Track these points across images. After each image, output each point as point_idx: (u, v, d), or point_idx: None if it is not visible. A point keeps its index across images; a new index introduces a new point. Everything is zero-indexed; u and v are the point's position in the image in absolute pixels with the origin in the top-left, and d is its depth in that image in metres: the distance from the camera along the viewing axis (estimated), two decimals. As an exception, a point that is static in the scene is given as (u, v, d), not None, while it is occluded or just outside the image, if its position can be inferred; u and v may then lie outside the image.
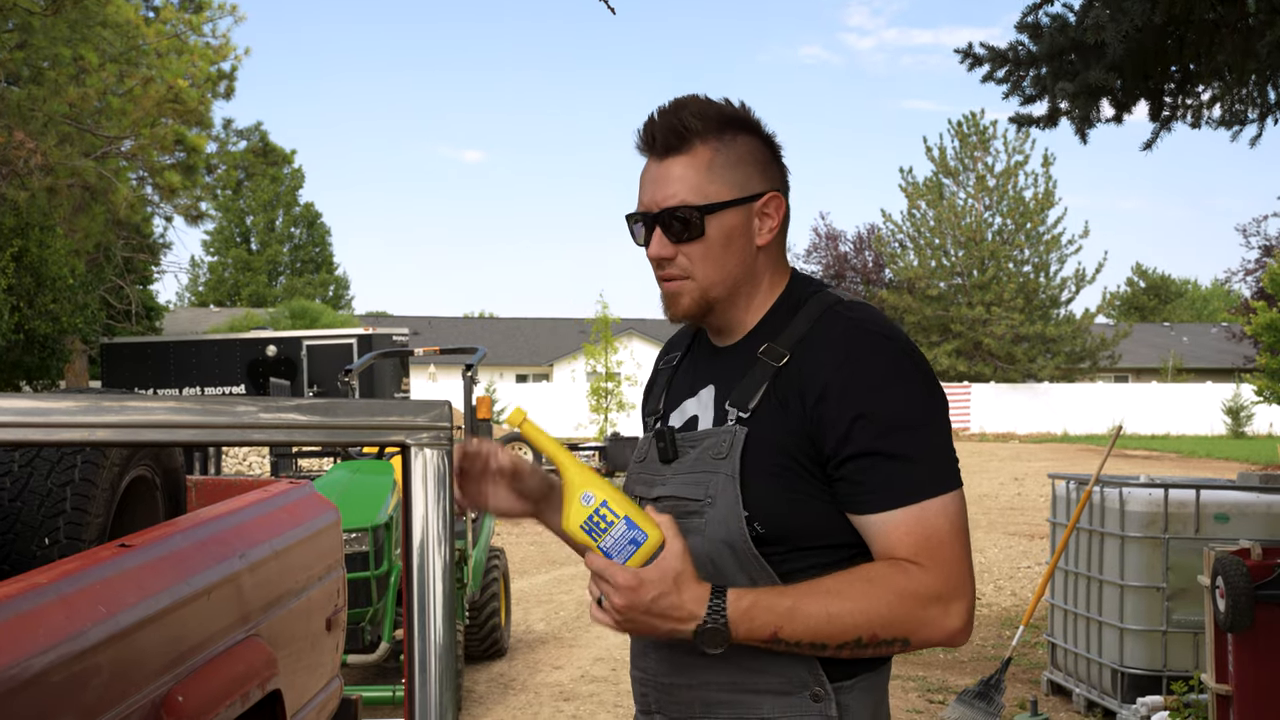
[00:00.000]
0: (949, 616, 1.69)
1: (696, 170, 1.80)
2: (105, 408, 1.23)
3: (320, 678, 3.61)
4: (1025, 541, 13.51)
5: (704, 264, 1.81)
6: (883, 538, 1.71)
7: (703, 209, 1.79)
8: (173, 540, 2.74)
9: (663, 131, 1.80)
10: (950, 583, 1.69)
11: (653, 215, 1.81)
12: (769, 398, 1.76)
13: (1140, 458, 26.53)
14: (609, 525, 1.65)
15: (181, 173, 21.03)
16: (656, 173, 1.82)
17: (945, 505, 1.71)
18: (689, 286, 1.82)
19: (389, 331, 21.84)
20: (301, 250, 53.28)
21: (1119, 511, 6.24)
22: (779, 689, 1.75)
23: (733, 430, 1.77)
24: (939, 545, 1.69)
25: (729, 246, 1.81)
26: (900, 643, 1.69)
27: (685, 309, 1.83)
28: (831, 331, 1.77)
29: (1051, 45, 6.28)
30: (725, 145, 1.81)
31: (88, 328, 19.85)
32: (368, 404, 1.25)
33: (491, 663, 7.74)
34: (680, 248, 1.81)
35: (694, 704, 1.80)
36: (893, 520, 1.70)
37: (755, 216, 1.83)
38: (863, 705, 1.78)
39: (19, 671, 1.98)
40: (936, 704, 6.72)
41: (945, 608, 1.69)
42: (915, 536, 1.69)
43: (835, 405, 1.71)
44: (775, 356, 1.78)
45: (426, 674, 1.27)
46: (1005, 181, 42.03)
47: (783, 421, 1.74)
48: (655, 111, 1.82)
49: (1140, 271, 66.94)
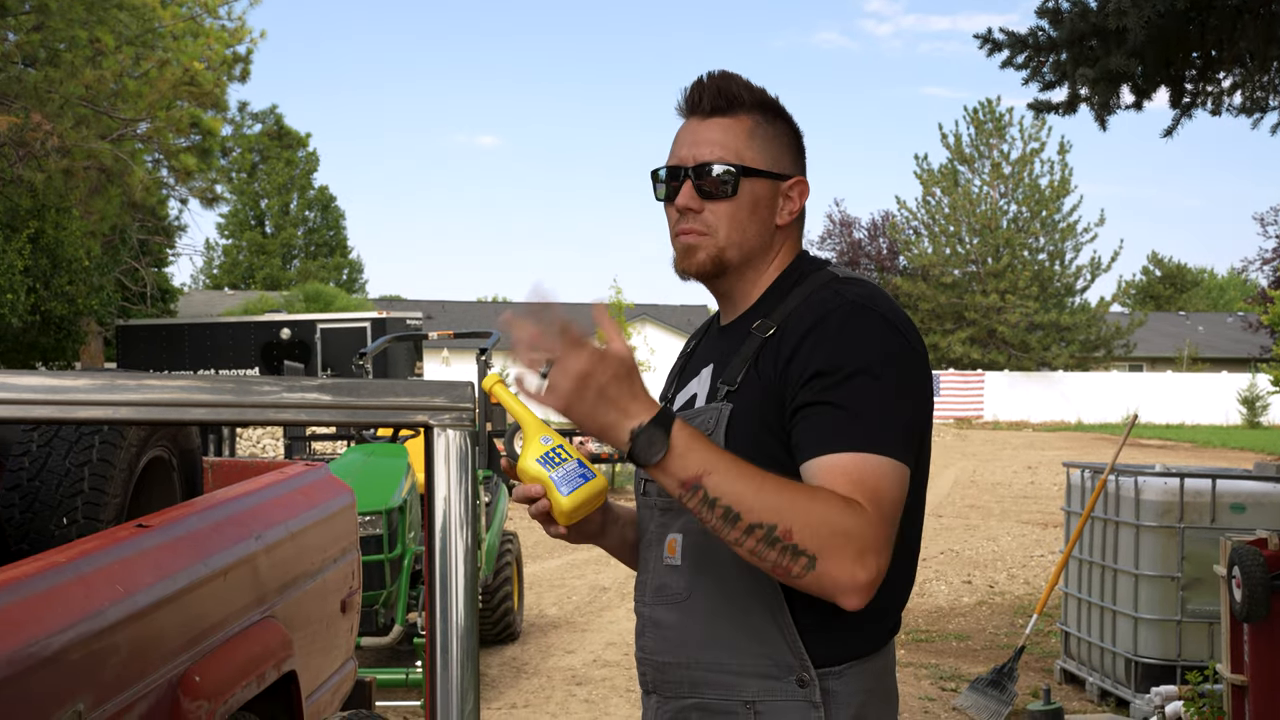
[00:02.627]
0: (860, 565, 1.60)
1: (738, 135, 1.85)
2: (123, 386, 1.22)
3: (335, 660, 3.61)
4: (1039, 530, 13.48)
5: (728, 224, 1.84)
6: (821, 477, 1.65)
7: (739, 169, 1.83)
8: (190, 521, 2.75)
9: (712, 93, 1.86)
10: (877, 533, 1.61)
11: (688, 168, 1.85)
12: (751, 371, 1.79)
13: (1155, 447, 26.45)
14: (562, 461, 1.73)
15: (197, 155, 21.05)
16: (698, 131, 1.86)
17: (887, 466, 1.65)
18: (707, 242, 1.85)
19: (403, 315, 21.86)
20: (316, 233, 53.32)
21: (1134, 500, 6.22)
22: (764, 672, 1.75)
23: (719, 407, 1.80)
24: (877, 494, 1.63)
25: (754, 213, 1.85)
26: (806, 561, 1.59)
27: (699, 263, 1.86)
28: (815, 302, 1.79)
29: (1072, 31, 6.24)
30: (766, 121, 1.88)
31: (103, 310, 19.91)
32: (390, 384, 1.25)
33: (504, 647, 7.75)
34: (708, 204, 1.84)
35: (684, 683, 1.82)
36: (833, 461, 1.65)
37: (781, 195, 1.88)
38: (850, 692, 1.76)
39: (38, 649, 1.99)
40: (949, 692, 6.71)
41: (861, 552, 1.60)
42: (853, 478, 1.63)
43: (800, 364, 1.72)
44: (765, 330, 1.81)
45: (448, 655, 1.26)
46: (1021, 169, 41.86)
47: (760, 393, 1.76)
48: (705, 75, 1.88)
49: (1156, 260, 66.65)
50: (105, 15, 17.59)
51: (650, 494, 1.90)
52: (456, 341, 20.56)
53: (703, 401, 1.87)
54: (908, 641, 7.95)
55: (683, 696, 1.82)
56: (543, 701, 6.53)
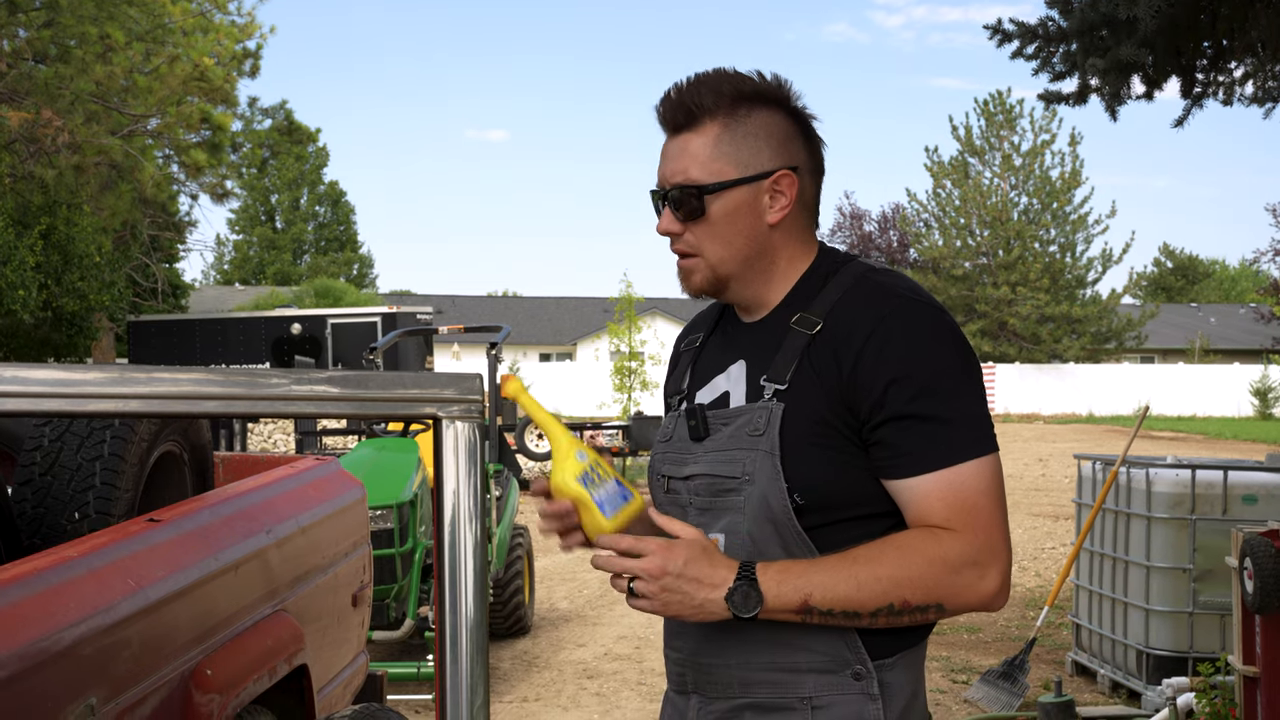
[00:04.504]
0: (984, 581, 1.68)
1: (704, 147, 1.80)
2: (134, 379, 1.23)
3: (346, 653, 3.62)
4: (1050, 522, 13.46)
5: (710, 242, 1.81)
6: (916, 503, 1.70)
7: (702, 189, 1.79)
8: (201, 515, 2.75)
9: (675, 108, 1.81)
10: (985, 547, 1.68)
11: (664, 192, 1.82)
12: (804, 367, 1.75)
13: (1167, 439, 26.38)
14: (601, 480, 1.73)
15: (207, 151, 21.08)
16: (669, 149, 1.83)
17: (979, 469, 1.70)
18: (698, 263, 1.83)
19: (413, 310, 21.85)
20: (326, 229, 53.41)
21: (1145, 492, 6.20)
22: (820, 667, 1.74)
23: (769, 406, 1.75)
24: (973, 509, 1.68)
25: (734, 225, 1.80)
26: (935, 609, 1.68)
27: (697, 285, 1.84)
28: (865, 298, 1.76)
29: (1082, 21, 6.21)
30: (736, 121, 1.80)
31: (115, 305, 19.96)
32: (398, 376, 1.25)
33: (515, 640, 7.76)
34: (687, 225, 1.82)
35: (733, 684, 1.79)
36: (925, 484, 1.69)
37: (765, 194, 1.81)
38: (904, 682, 1.77)
39: (51, 644, 1.99)
40: (960, 684, 6.70)
41: (980, 572, 1.68)
42: (948, 501, 1.68)
43: (870, 370, 1.70)
44: (808, 325, 1.77)
45: (458, 648, 1.26)
46: (1032, 161, 41.73)
47: (819, 390, 1.73)
48: (672, 87, 1.83)
49: (1167, 251, 66.42)
50: (115, 11, 17.61)
51: (679, 492, 1.86)
52: (467, 336, 20.59)
53: (740, 399, 1.81)
54: (919, 634, 7.94)
55: (732, 697, 1.79)
56: (554, 695, 6.54)
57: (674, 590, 1.67)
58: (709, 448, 1.81)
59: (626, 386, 26.20)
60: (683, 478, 1.84)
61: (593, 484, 1.72)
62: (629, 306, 25.74)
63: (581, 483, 1.71)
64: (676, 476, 1.86)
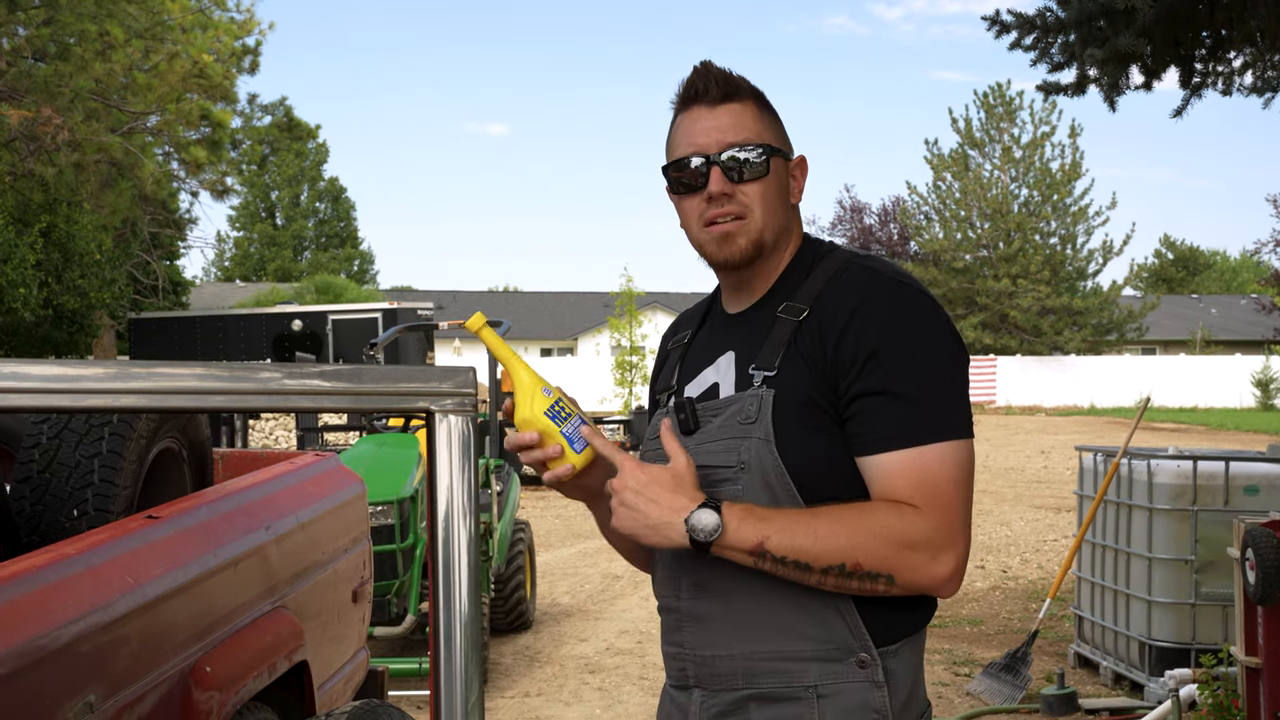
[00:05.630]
0: (937, 563, 1.68)
1: (753, 118, 1.85)
2: (132, 374, 1.23)
3: (347, 649, 3.62)
4: (1052, 514, 13.45)
5: (762, 204, 1.83)
6: (882, 479, 1.71)
7: (768, 149, 1.83)
8: (200, 512, 2.75)
9: (720, 79, 1.85)
10: (943, 530, 1.68)
11: (712, 155, 1.82)
12: (791, 353, 1.77)
13: (1168, 430, 26.37)
14: (568, 415, 1.75)
15: (207, 148, 21.06)
16: (711, 118, 1.84)
17: (947, 452, 1.70)
18: (745, 226, 1.83)
19: (414, 306, 21.83)
20: (326, 225, 53.38)
21: (1147, 484, 6.19)
22: (824, 655, 1.74)
23: (760, 393, 1.77)
24: (936, 490, 1.68)
25: (781, 192, 1.86)
26: (885, 580, 1.68)
27: (741, 249, 1.83)
28: (850, 281, 1.79)
29: (1080, 11, 6.20)
30: (763, 105, 1.88)
31: (115, 303, 19.95)
32: (392, 370, 1.24)
33: (517, 635, 7.76)
34: (739, 188, 1.83)
35: (736, 675, 1.79)
36: (892, 461, 1.70)
37: (790, 175, 1.89)
38: (907, 669, 1.78)
39: (49, 641, 1.99)
40: (963, 676, 6.70)
41: (934, 554, 1.68)
42: (913, 480, 1.69)
43: (851, 346, 1.73)
44: (795, 313, 1.80)
45: (452, 643, 1.26)
46: (1032, 153, 41.67)
47: (807, 375, 1.75)
48: (699, 65, 1.87)
49: (1168, 243, 66.35)
50: (114, 9, 17.58)
51: None
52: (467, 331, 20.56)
53: (729, 390, 1.83)
54: (921, 627, 7.94)
55: (736, 688, 1.79)
56: (556, 690, 6.54)
57: (631, 506, 1.70)
58: (700, 440, 1.82)
59: (627, 381, 26.19)
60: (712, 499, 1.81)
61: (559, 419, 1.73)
62: (629, 301, 25.74)
63: (550, 417, 1.73)
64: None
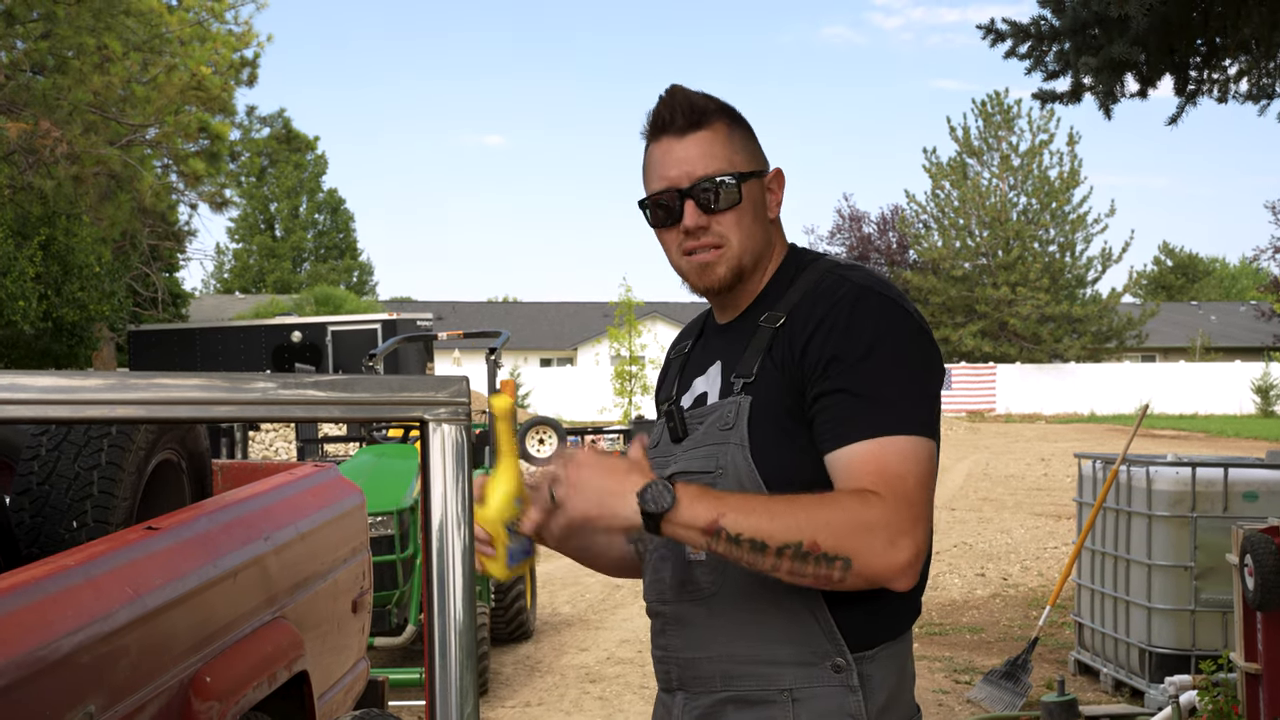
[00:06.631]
0: (894, 549, 1.65)
1: (722, 143, 1.85)
2: (130, 385, 1.23)
3: (347, 659, 3.62)
4: (1051, 522, 13.45)
5: (738, 231, 1.84)
6: (844, 471, 1.70)
7: (738, 176, 1.84)
8: (199, 523, 2.76)
9: (684, 109, 1.85)
10: (903, 516, 1.66)
11: (685, 189, 1.83)
12: (767, 361, 1.80)
13: (1168, 437, 26.36)
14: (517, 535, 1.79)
15: (205, 160, 21.09)
16: (679, 149, 1.85)
17: (908, 446, 1.70)
18: (723, 254, 1.85)
19: (413, 316, 21.88)
20: (325, 236, 53.42)
21: (1146, 491, 6.20)
22: (800, 659, 1.76)
23: (737, 400, 1.80)
24: (898, 479, 1.67)
25: (756, 215, 1.87)
26: (842, 563, 1.64)
27: (721, 277, 1.86)
28: (823, 289, 1.81)
29: (1074, 19, 6.22)
30: (733, 123, 1.88)
31: (115, 315, 19.96)
32: (386, 380, 1.25)
33: (518, 645, 7.76)
34: (714, 218, 1.84)
35: (715, 678, 1.82)
36: (854, 452, 1.70)
37: (766, 190, 1.90)
38: (885, 674, 1.79)
39: (49, 652, 2.00)
40: (963, 684, 6.70)
41: (892, 538, 1.65)
42: (873, 469, 1.68)
43: (815, 351, 1.74)
44: (773, 321, 1.82)
45: (447, 653, 1.26)
46: (1030, 161, 41.72)
47: (781, 380, 1.78)
48: (664, 94, 1.87)
49: (1167, 250, 66.38)
50: (112, 22, 17.61)
51: None
52: (466, 341, 20.58)
53: (715, 398, 1.87)
54: (921, 634, 7.94)
55: (714, 691, 1.81)
56: (557, 699, 6.54)
57: (585, 489, 1.67)
58: (686, 446, 1.87)
59: (627, 390, 26.20)
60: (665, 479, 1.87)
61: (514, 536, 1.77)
62: (629, 311, 25.75)
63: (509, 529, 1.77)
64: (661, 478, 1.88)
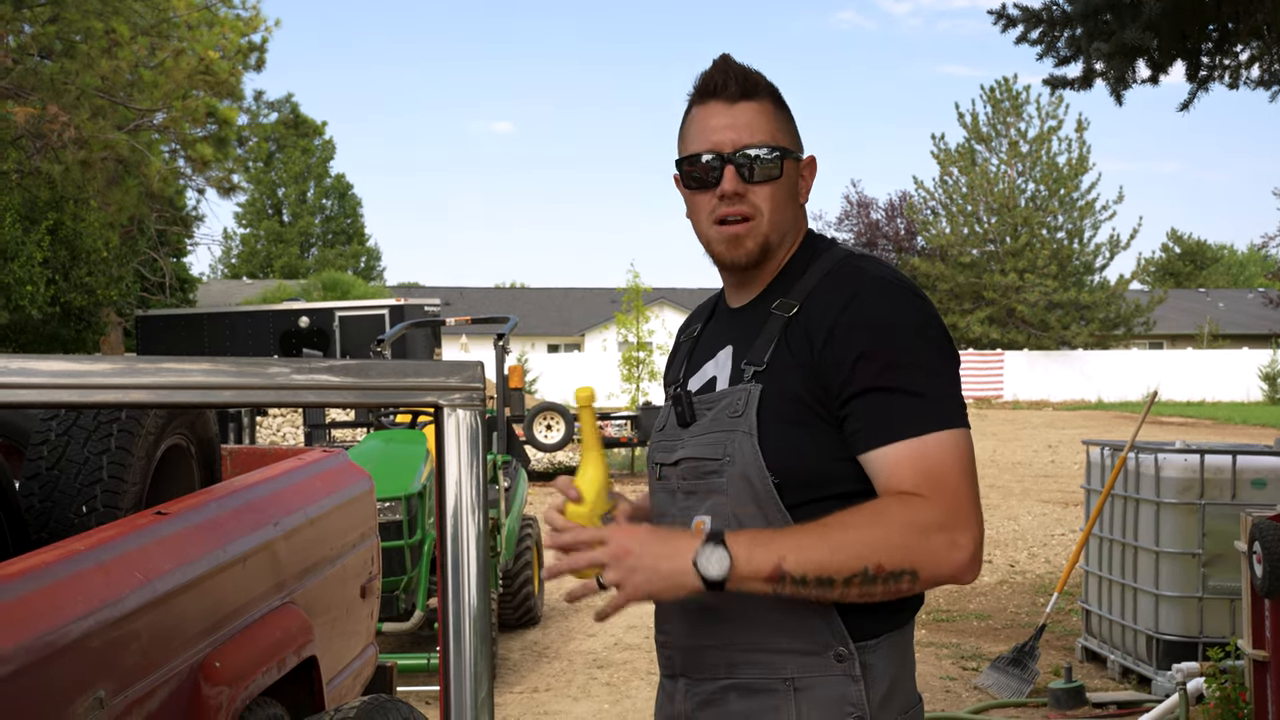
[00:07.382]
0: (956, 548, 1.66)
1: (769, 118, 1.85)
2: (139, 369, 1.23)
3: (355, 645, 3.63)
4: (1059, 509, 13.44)
5: (771, 206, 1.84)
6: (885, 473, 1.70)
7: (782, 151, 1.84)
8: (208, 508, 2.75)
9: (738, 77, 1.84)
10: (955, 513, 1.66)
11: (728, 154, 1.82)
12: (781, 349, 1.79)
13: (1176, 424, 26.32)
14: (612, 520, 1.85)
15: (213, 145, 21.07)
16: (728, 115, 1.84)
17: (948, 440, 1.70)
18: (753, 228, 1.84)
19: (421, 302, 21.87)
20: (333, 222, 53.43)
21: (1154, 478, 6.19)
22: (803, 649, 1.76)
23: (748, 387, 1.79)
24: (941, 476, 1.67)
25: (791, 193, 1.87)
26: (909, 576, 1.65)
27: (748, 251, 1.85)
28: (839, 279, 1.80)
29: (1086, 5, 6.19)
30: (780, 103, 1.89)
31: (123, 300, 20.01)
32: (400, 365, 1.24)
33: (525, 631, 7.77)
34: (751, 189, 1.83)
35: (718, 665, 1.81)
36: (894, 453, 1.69)
37: (799, 174, 1.90)
38: (887, 663, 1.78)
39: (59, 637, 2.00)
40: (970, 671, 6.70)
41: (950, 538, 1.65)
42: (916, 469, 1.68)
43: (840, 346, 1.73)
44: (787, 309, 1.81)
45: (461, 639, 1.26)
46: (1039, 147, 41.59)
47: (795, 370, 1.76)
48: (718, 60, 1.86)
49: (1175, 237, 66.20)
50: (120, 6, 17.60)
51: (669, 478, 1.89)
52: (474, 327, 20.60)
53: (725, 384, 1.86)
54: (929, 621, 7.94)
55: (717, 678, 1.81)
56: (564, 685, 6.55)
57: (639, 569, 1.67)
58: (694, 432, 1.85)
59: (635, 377, 26.18)
60: (671, 463, 1.88)
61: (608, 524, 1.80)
62: (636, 296, 25.70)
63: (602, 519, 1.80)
64: (666, 463, 1.89)
